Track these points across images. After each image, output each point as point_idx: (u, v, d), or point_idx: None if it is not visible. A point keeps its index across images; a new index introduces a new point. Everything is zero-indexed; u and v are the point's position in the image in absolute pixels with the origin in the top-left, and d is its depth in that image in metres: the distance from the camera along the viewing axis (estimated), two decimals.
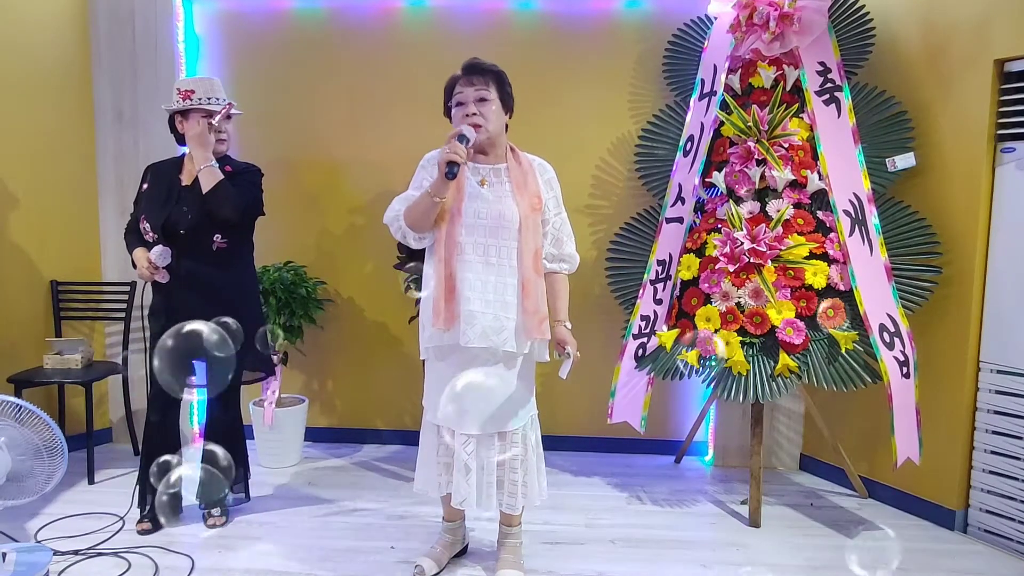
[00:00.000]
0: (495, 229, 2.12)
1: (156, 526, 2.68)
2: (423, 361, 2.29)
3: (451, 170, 1.98)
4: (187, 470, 2.67)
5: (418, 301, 2.31)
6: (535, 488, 2.26)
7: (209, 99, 2.58)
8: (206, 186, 2.52)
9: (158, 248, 2.53)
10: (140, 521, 2.68)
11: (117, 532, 2.63)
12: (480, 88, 2.12)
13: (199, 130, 2.54)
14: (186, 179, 2.63)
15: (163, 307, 2.65)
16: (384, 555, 2.52)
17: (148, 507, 2.69)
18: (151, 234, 2.57)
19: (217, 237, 2.60)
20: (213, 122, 2.56)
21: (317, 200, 3.60)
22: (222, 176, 2.56)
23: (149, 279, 2.58)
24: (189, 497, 2.80)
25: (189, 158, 2.64)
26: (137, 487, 2.74)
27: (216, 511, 2.74)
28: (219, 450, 2.55)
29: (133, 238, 2.68)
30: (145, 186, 2.67)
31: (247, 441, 2.89)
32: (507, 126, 2.25)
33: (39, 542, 2.52)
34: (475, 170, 2.17)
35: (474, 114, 2.10)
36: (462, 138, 2.01)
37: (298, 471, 3.32)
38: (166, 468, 2.62)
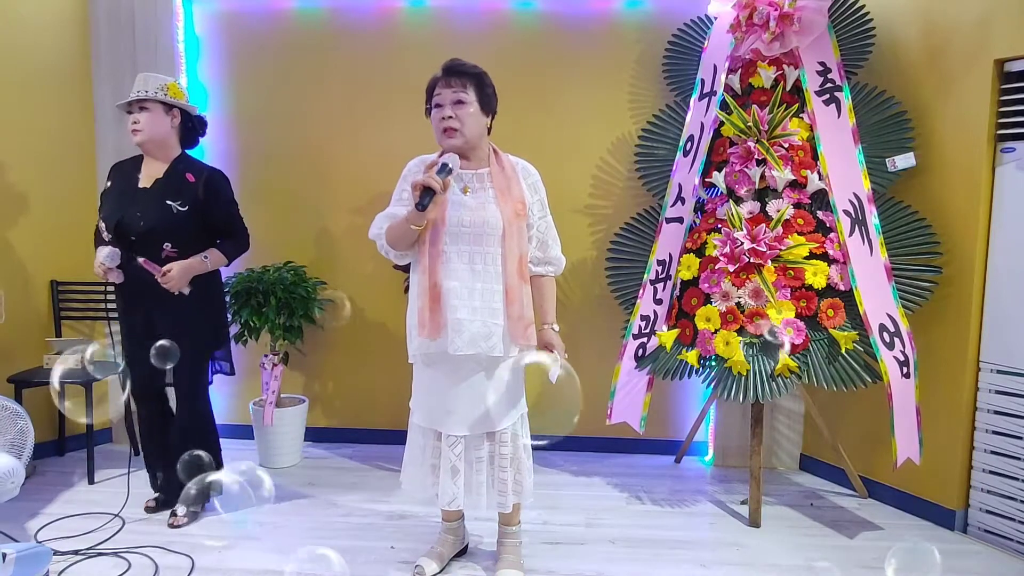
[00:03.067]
0: (479, 236, 2.10)
1: (160, 505, 2.80)
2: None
3: (422, 201, 1.94)
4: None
5: None
6: (527, 485, 2.26)
7: (137, 91, 2.59)
8: (218, 267, 2.70)
9: (107, 249, 2.54)
10: (149, 500, 2.84)
11: (117, 532, 2.63)
12: (458, 90, 2.08)
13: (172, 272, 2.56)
14: (143, 181, 2.62)
15: (120, 308, 2.70)
16: (384, 555, 2.52)
17: (159, 485, 2.85)
18: (106, 233, 2.58)
19: (167, 246, 2.56)
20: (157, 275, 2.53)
21: (317, 200, 3.60)
22: (221, 256, 2.68)
23: (104, 279, 2.60)
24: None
25: (147, 161, 2.66)
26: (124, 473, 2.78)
27: (180, 510, 2.72)
28: (189, 451, 2.61)
29: (98, 236, 2.69)
30: (108, 184, 2.67)
31: (250, 440, 2.90)
32: (490, 128, 2.21)
33: (39, 542, 2.52)
34: (458, 176, 2.13)
35: (450, 117, 2.07)
36: (444, 167, 1.98)
37: (298, 471, 3.32)
38: (161, 458, 2.77)
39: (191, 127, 2.73)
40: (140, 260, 2.50)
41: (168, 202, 2.56)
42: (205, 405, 2.79)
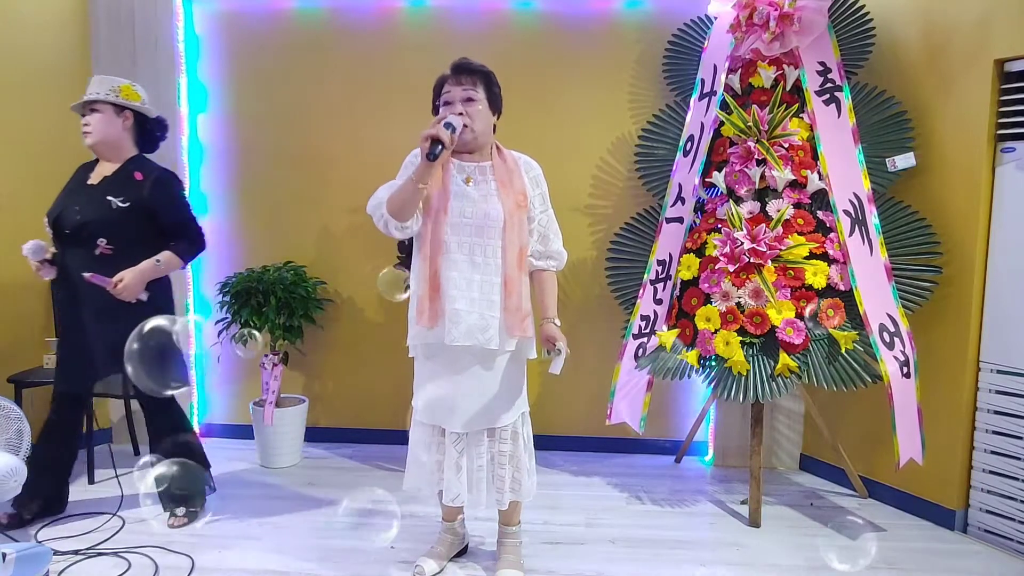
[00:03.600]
0: (480, 228, 2.12)
1: (14, 522, 2.62)
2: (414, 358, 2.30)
3: (433, 150, 1.94)
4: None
5: None
6: (526, 484, 2.27)
7: (88, 94, 2.55)
8: (173, 270, 2.60)
9: (31, 243, 2.49)
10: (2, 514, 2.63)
11: (117, 532, 2.63)
12: (468, 88, 2.10)
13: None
14: (93, 179, 2.58)
15: (56, 308, 2.61)
16: (384, 555, 2.52)
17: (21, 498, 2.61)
18: (47, 228, 2.52)
19: (102, 242, 2.47)
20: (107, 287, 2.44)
21: (317, 200, 3.60)
22: (175, 258, 2.58)
23: (36, 273, 2.54)
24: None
25: (101, 162, 2.61)
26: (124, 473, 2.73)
27: (180, 510, 2.69)
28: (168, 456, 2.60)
29: None
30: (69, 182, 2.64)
31: (250, 440, 2.86)
32: (495, 127, 2.23)
33: (39, 542, 2.52)
34: (460, 168, 2.16)
35: (461, 114, 2.08)
36: (448, 126, 1.99)
37: (298, 471, 3.32)
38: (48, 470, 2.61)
39: (149, 130, 2.67)
40: (87, 276, 2.41)
41: (109, 197, 2.50)
42: (177, 412, 2.72)
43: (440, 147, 1.95)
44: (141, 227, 2.55)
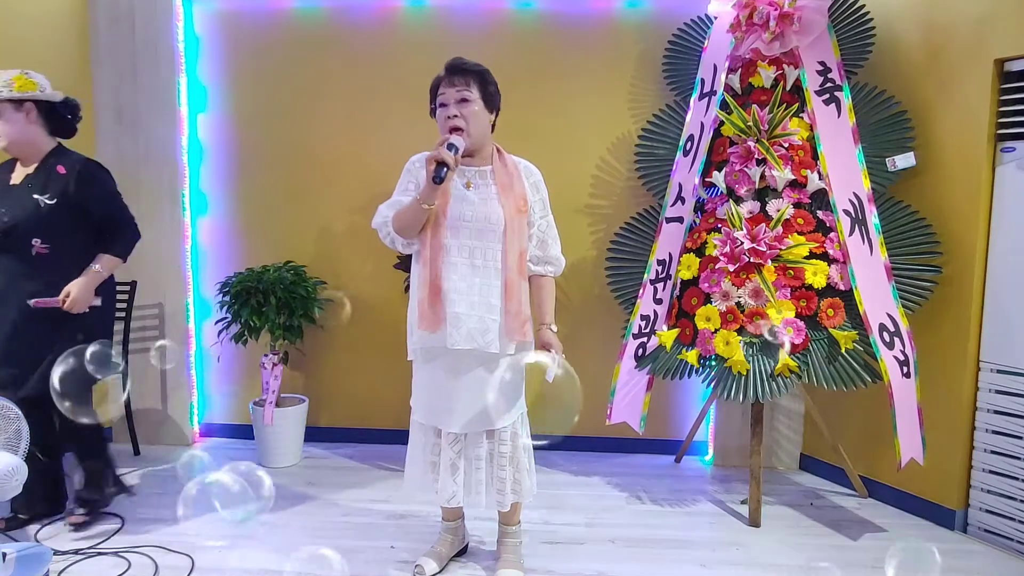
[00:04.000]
0: (480, 231, 2.12)
1: (13, 523, 2.62)
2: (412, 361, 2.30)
3: (439, 173, 1.96)
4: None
5: None
6: (527, 484, 2.27)
7: None
8: (114, 270, 2.60)
9: None
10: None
11: (117, 532, 2.63)
12: (462, 89, 2.09)
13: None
14: (14, 178, 2.51)
15: None
16: (384, 555, 2.52)
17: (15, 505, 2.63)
18: None
19: (36, 241, 2.42)
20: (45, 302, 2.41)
21: (317, 200, 3.60)
22: (113, 259, 2.57)
23: None
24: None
25: (18, 162, 2.54)
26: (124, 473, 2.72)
27: (80, 509, 2.65)
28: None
29: None
30: None
31: (250, 440, 2.85)
32: (494, 125, 2.23)
33: (39, 542, 2.52)
34: (460, 172, 2.15)
35: (455, 116, 2.08)
36: (451, 147, 2.00)
37: (298, 471, 3.32)
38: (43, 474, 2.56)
39: (59, 115, 2.55)
40: (32, 303, 2.38)
41: (35, 196, 2.43)
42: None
43: (446, 169, 1.97)
44: (73, 221, 2.49)
